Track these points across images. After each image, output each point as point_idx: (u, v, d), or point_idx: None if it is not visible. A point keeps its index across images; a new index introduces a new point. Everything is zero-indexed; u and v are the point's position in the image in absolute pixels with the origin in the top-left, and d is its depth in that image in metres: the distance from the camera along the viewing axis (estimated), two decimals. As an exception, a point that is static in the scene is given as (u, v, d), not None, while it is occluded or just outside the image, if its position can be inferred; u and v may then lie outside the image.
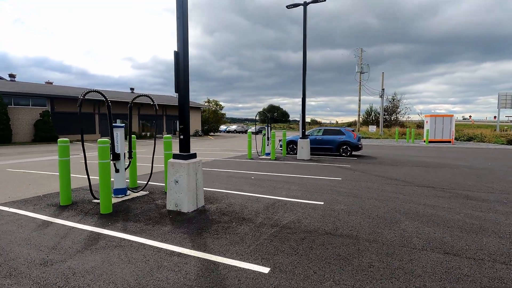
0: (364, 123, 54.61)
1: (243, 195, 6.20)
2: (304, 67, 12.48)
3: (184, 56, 4.98)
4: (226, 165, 10.84)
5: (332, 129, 14.58)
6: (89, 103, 28.11)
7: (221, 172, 9.21)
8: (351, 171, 9.41)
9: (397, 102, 53.80)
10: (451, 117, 23.12)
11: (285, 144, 14.16)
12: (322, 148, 14.20)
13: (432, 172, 9.33)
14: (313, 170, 9.60)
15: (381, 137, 32.34)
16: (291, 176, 8.48)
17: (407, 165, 10.83)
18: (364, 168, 10.04)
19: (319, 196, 6.12)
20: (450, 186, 7.18)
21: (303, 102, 12.67)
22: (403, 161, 12.12)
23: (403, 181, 7.81)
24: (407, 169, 9.86)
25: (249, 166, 10.69)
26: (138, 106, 32.64)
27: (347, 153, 13.72)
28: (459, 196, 6.12)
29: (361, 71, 39.51)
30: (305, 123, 12.80)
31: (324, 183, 7.52)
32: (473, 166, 10.58)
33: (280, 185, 7.21)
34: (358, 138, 13.87)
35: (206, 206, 5.30)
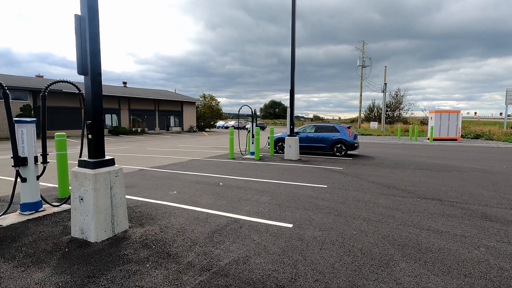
0: (367, 119, 52.98)
1: (193, 211, 4.80)
2: (292, 55, 10.99)
3: (92, 22, 3.54)
4: (200, 167, 9.45)
5: (325, 125, 13.10)
6: (75, 97, 26.77)
7: (187, 177, 7.81)
8: (342, 176, 7.97)
9: (400, 97, 52.05)
10: (457, 113, 21.50)
11: (273, 142, 12.73)
12: (314, 147, 12.75)
13: (437, 177, 7.87)
14: (297, 174, 8.17)
15: (382, 134, 30.76)
16: (268, 182, 7.06)
17: (408, 168, 9.37)
18: (358, 172, 8.60)
19: (290, 213, 4.71)
20: (461, 198, 5.73)
21: (291, 94, 11.20)
22: (404, 162, 10.65)
23: (403, 190, 6.36)
24: (408, 173, 8.41)
25: (226, 168, 9.29)
26: (128, 100, 31.29)
27: (341, 153, 12.26)
28: (475, 215, 4.68)
29: (362, 65, 37.79)
30: (294, 118, 11.34)
31: (304, 192, 6.09)
32: (485, 170, 9.09)
33: (249, 195, 5.81)
34: (354, 136, 12.39)
35: (130, 231, 3.90)
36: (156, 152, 14.15)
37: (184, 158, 11.63)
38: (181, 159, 11.47)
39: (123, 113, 30.96)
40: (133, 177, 7.77)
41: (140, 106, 32.70)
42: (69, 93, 25.76)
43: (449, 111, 21.85)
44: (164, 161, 10.77)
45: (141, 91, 36.18)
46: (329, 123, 13.25)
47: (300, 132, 13.16)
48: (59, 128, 25.40)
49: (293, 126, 11.34)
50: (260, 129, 12.21)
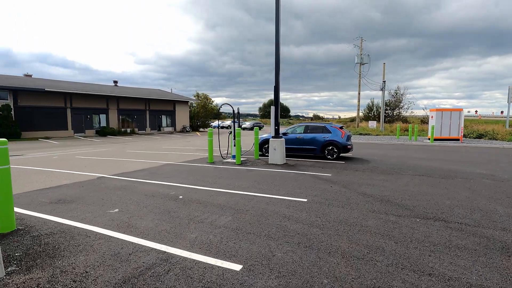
0: (366, 118, 51.79)
1: (120, 241, 3.64)
2: (277, 50, 9.81)
3: None
4: (169, 174, 8.29)
5: (316, 125, 11.93)
6: (59, 96, 25.61)
7: (146, 187, 6.66)
8: (329, 185, 6.81)
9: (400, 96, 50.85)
10: (460, 111, 20.31)
11: (257, 144, 11.57)
12: (304, 149, 11.59)
13: (440, 186, 6.71)
14: (277, 183, 7.01)
15: (381, 133, 29.55)
16: (237, 195, 5.91)
17: (406, 173, 8.20)
18: (348, 180, 7.44)
19: (247, 245, 3.55)
20: (470, 217, 4.57)
21: (276, 91, 10.03)
22: (402, 166, 9.48)
23: (398, 205, 5.21)
24: (406, 181, 7.25)
25: (198, 175, 8.14)
26: (116, 99, 30.12)
27: (333, 156, 11.09)
28: (493, 246, 3.52)
29: (361, 62, 36.60)
30: (278, 118, 10.17)
31: (277, 210, 4.93)
32: (495, 176, 7.93)
33: (206, 215, 4.65)
34: (347, 137, 11.22)
35: (1, 283, 2.75)
36: (133, 155, 13.00)
37: (159, 163, 10.48)
38: (154, 163, 10.32)
39: (112, 113, 29.78)
40: (83, 187, 6.61)
41: (130, 105, 31.53)
42: (53, 92, 24.62)
43: (451, 109, 20.67)
44: (134, 166, 9.62)
45: (131, 90, 35.01)
46: (320, 123, 12.08)
47: (288, 133, 12.00)
48: (41, 129, 24.30)
49: (278, 127, 10.18)
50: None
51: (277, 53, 9.82)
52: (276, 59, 9.85)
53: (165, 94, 38.05)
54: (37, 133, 24.02)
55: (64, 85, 27.97)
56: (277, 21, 9.70)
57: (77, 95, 26.66)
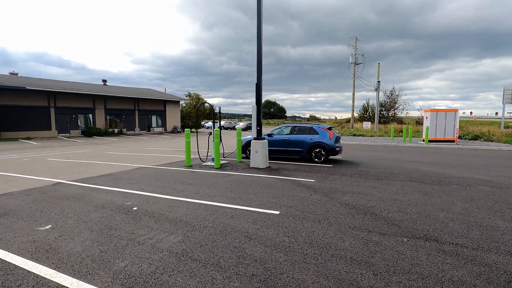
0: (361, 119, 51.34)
1: (21, 272, 2.85)
2: (259, 45, 9.06)
3: None
4: (137, 180, 7.50)
5: (303, 126, 11.18)
6: (42, 95, 24.62)
7: (102, 196, 5.86)
8: (309, 193, 6.06)
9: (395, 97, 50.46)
10: (455, 112, 19.72)
11: (240, 146, 10.79)
12: (290, 152, 10.84)
13: (433, 194, 5.99)
14: (251, 191, 6.25)
15: (375, 134, 28.95)
16: (201, 205, 5.13)
17: (397, 179, 7.49)
18: (332, 186, 6.69)
19: (185, 279, 2.77)
20: (468, 235, 3.84)
21: (258, 88, 9.26)
22: (393, 170, 8.77)
23: (384, 219, 4.47)
24: (396, 188, 6.52)
25: (167, 181, 7.35)
26: (103, 99, 29.17)
27: (320, 159, 10.35)
28: (498, 279, 2.78)
29: (355, 62, 36.05)
30: (261, 117, 9.40)
31: (240, 226, 4.17)
32: (493, 182, 7.24)
33: (152, 233, 3.88)
34: (336, 139, 10.49)
35: None
36: (111, 157, 12.16)
37: (132, 166, 9.67)
38: (127, 167, 9.51)
39: (98, 113, 28.83)
40: (29, 196, 5.80)
41: (118, 105, 30.59)
42: (35, 91, 23.64)
43: (446, 110, 20.08)
44: (103, 170, 8.81)
45: (120, 89, 34.07)
46: (307, 124, 11.34)
47: (274, 134, 11.25)
48: (23, 129, 23.32)
49: (261, 127, 9.41)
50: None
51: (259, 51, 9.07)
52: (258, 56, 9.09)
53: (156, 94, 37.13)
54: (19, 133, 23.03)
55: (48, 84, 26.98)
56: (258, 19, 8.96)
57: (61, 94, 25.68)
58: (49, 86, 25.69)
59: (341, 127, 51.41)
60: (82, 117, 27.89)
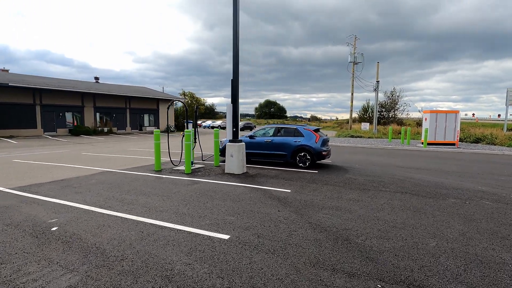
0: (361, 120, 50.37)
1: None
2: (235, 38, 8.09)
3: None
4: (88, 187, 6.56)
5: (287, 128, 10.19)
6: (27, 92, 23.73)
7: (31, 209, 4.92)
8: (277, 209, 5.10)
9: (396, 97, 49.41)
10: (456, 113, 18.68)
11: (218, 149, 9.84)
12: (273, 155, 9.87)
13: (426, 211, 5.01)
14: (209, 205, 5.29)
15: (374, 136, 27.90)
16: (138, 225, 4.18)
17: (386, 189, 6.51)
18: (309, 199, 5.73)
19: None
20: (467, 280, 2.87)
21: (234, 84, 8.28)
22: (384, 178, 7.80)
23: (360, 249, 3.50)
24: (382, 201, 5.55)
25: (121, 190, 6.40)
26: (93, 96, 28.26)
27: (305, 164, 9.38)
28: None
29: (354, 61, 34.95)
30: (238, 118, 8.42)
31: (169, 258, 3.21)
32: (498, 196, 6.25)
33: (48, 269, 2.93)
34: (323, 142, 9.51)
35: None
36: (83, 159, 11.24)
37: (96, 170, 8.74)
38: (91, 170, 8.58)
39: (87, 111, 27.93)
40: None
41: (108, 103, 29.68)
42: (19, 88, 22.75)
43: (446, 111, 19.04)
44: (60, 175, 7.88)
45: (111, 87, 33.15)
46: (292, 125, 10.36)
47: (256, 136, 10.29)
48: (6, 127, 22.45)
49: (237, 128, 8.44)
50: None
51: (236, 45, 8.10)
52: (235, 51, 8.12)
53: (149, 92, 36.20)
54: (1, 131, 22.15)
55: (33, 80, 26.08)
56: (235, 10, 7.98)
57: (48, 91, 24.77)
58: (35, 83, 24.78)
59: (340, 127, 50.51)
60: (70, 115, 27.01)
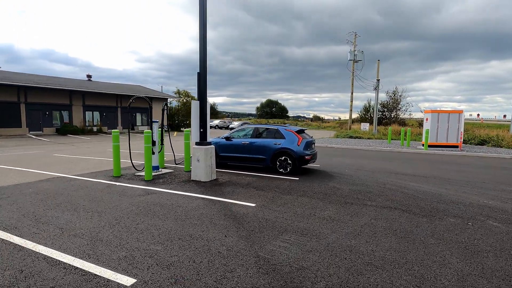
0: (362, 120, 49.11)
1: None
2: (202, 26, 7.02)
3: None
4: (15, 199, 5.52)
5: (268, 128, 9.07)
6: (11, 89, 22.83)
7: None
8: (225, 233, 4.01)
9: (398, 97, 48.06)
10: (459, 113, 17.45)
11: (188, 152, 8.76)
12: (251, 159, 8.78)
13: (416, 238, 3.90)
14: (143, 226, 4.22)
15: (373, 137, 26.64)
16: (27, 258, 3.12)
17: (373, 203, 5.40)
18: (273, 217, 4.63)
19: None
20: None
21: (201, 78, 7.19)
22: (372, 188, 6.68)
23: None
24: (364, 222, 4.44)
25: (54, 203, 5.35)
26: (82, 95, 27.34)
27: (286, 169, 8.28)
28: None
29: (354, 59, 33.74)
30: (206, 116, 7.33)
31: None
32: (507, 212, 5.10)
33: None
34: (306, 144, 8.39)
35: None
36: (49, 160, 10.23)
37: (47, 175, 7.72)
38: (40, 176, 7.56)
39: (76, 109, 27.01)
40: None
41: (98, 102, 28.74)
42: (3, 85, 21.86)
43: (449, 111, 17.82)
44: (3, 181, 6.86)
45: (102, 85, 32.24)
46: (273, 125, 9.24)
47: (233, 137, 9.20)
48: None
49: (205, 129, 7.34)
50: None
51: (203, 34, 7.02)
52: (202, 39, 7.03)
53: (141, 90, 35.24)
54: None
55: (18, 78, 25.19)
56: None
57: (33, 89, 23.86)
58: (19, 80, 23.89)
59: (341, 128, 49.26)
60: (58, 114, 26.10)
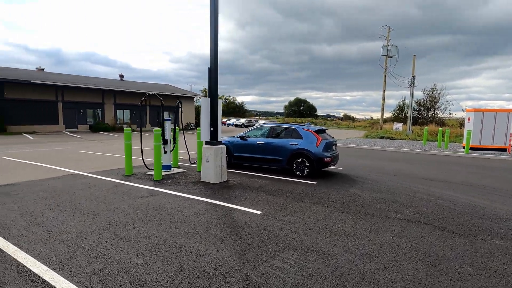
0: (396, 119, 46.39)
1: None
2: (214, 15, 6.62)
3: None
4: (22, 197, 5.52)
5: (284, 127, 8.49)
6: (50, 89, 24.33)
7: None
8: (220, 245, 3.55)
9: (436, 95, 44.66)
10: (508, 112, 15.50)
11: (201, 151, 8.46)
12: (266, 160, 8.27)
13: (450, 264, 3.16)
14: (134, 232, 3.89)
15: (407, 137, 24.75)
16: None
17: (398, 215, 4.65)
18: (278, 229, 4.09)
19: None
20: None
21: (212, 73, 6.80)
22: (400, 197, 5.86)
23: None
24: (385, 240, 3.75)
25: (58, 201, 5.25)
26: (113, 94, 28.50)
27: (303, 172, 7.66)
28: None
29: (387, 54, 31.77)
30: (217, 114, 6.93)
31: None
32: None
33: None
34: (326, 145, 7.69)
35: None
36: (74, 157, 10.54)
37: (64, 172, 7.83)
38: (58, 172, 7.68)
39: (108, 108, 28.22)
40: None
41: (128, 100, 29.80)
42: (42, 85, 23.35)
43: (496, 109, 15.92)
44: (21, 176, 7.04)
45: (132, 85, 33.42)
46: (290, 124, 8.62)
47: (248, 136, 8.75)
48: (29, 123, 23.15)
49: (216, 127, 6.95)
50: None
51: (215, 29, 6.62)
52: (214, 34, 6.64)
53: (169, 89, 36.07)
54: (24, 127, 22.87)
55: (57, 78, 26.80)
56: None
57: (69, 88, 25.27)
58: (58, 80, 25.40)
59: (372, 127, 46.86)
60: (91, 112, 27.43)
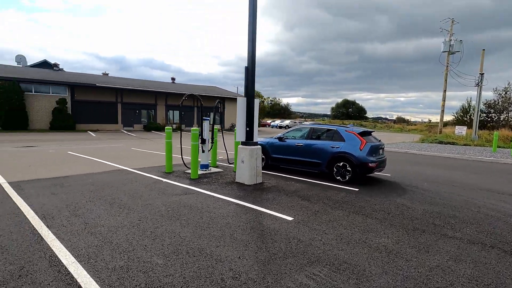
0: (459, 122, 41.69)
1: None
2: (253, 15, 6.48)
3: None
4: (73, 189, 5.99)
5: (324, 128, 7.97)
6: (110, 92, 26.85)
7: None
8: (242, 253, 3.34)
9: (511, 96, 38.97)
10: None
11: (237, 151, 8.38)
12: (304, 163, 7.86)
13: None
14: (161, 230, 3.88)
15: (472, 143, 21.79)
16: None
17: (456, 234, 3.95)
18: (309, 239, 3.74)
19: None
20: None
21: (249, 73, 6.66)
22: (461, 213, 5.03)
23: None
24: (436, 263, 3.17)
25: (102, 194, 5.58)
26: (165, 95, 30.35)
27: (344, 177, 7.09)
28: None
29: (449, 50, 28.59)
30: (254, 114, 6.76)
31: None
32: None
33: None
34: (372, 149, 7.03)
35: None
36: (125, 154, 11.40)
37: (111, 167, 8.41)
38: (106, 167, 8.29)
39: (159, 108, 30.16)
40: None
41: (178, 102, 31.44)
42: (105, 88, 25.84)
43: None
44: (74, 170, 7.74)
45: (182, 87, 35.25)
46: (332, 126, 8.06)
47: (286, 137, 8.45)
48: (93, 122, 25.77)
49: (252, 128, 6.80)
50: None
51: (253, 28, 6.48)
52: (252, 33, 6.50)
53: (215, 91, 37.25)
54: (89, 125, 25.55)
55: (117, 81, 29.44)
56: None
57: (127, 91, 27.60)
58: (118, 83, 27.90)
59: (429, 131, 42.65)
60: (145, 112, 29.57)
